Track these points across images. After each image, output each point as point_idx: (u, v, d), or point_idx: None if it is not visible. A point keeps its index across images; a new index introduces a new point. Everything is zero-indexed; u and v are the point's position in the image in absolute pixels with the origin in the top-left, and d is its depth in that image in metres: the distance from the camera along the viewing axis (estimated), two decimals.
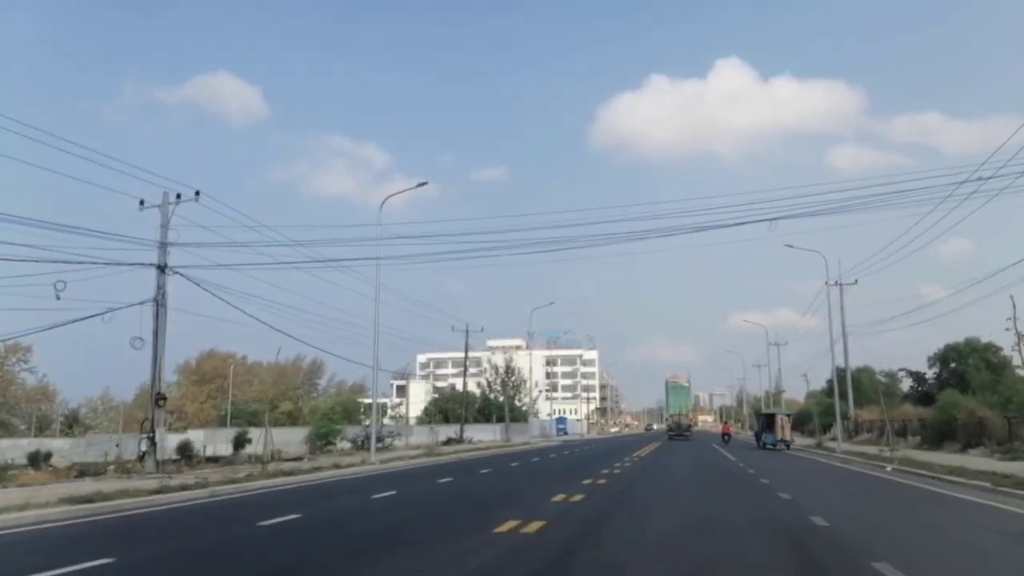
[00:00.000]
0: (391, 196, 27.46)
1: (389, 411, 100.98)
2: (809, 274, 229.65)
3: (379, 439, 37.19)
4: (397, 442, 37.43)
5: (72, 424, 74.52)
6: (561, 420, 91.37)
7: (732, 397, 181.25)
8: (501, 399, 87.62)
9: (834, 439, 39.07)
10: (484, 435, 60.75)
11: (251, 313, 39.60)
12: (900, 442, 36.71)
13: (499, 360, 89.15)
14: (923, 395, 57.08)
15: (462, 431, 50.56)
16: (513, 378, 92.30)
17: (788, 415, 43.78)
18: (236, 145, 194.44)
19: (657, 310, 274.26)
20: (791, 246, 39.96)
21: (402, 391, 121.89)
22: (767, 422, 42.77)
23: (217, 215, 30.66)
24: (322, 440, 37.33)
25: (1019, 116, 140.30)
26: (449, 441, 47.97)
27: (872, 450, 31.81)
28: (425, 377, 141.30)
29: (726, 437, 60.22)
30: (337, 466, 23.60)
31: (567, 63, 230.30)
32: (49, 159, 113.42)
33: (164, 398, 23.30)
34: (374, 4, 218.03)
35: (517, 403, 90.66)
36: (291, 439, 38.89)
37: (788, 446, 40.69)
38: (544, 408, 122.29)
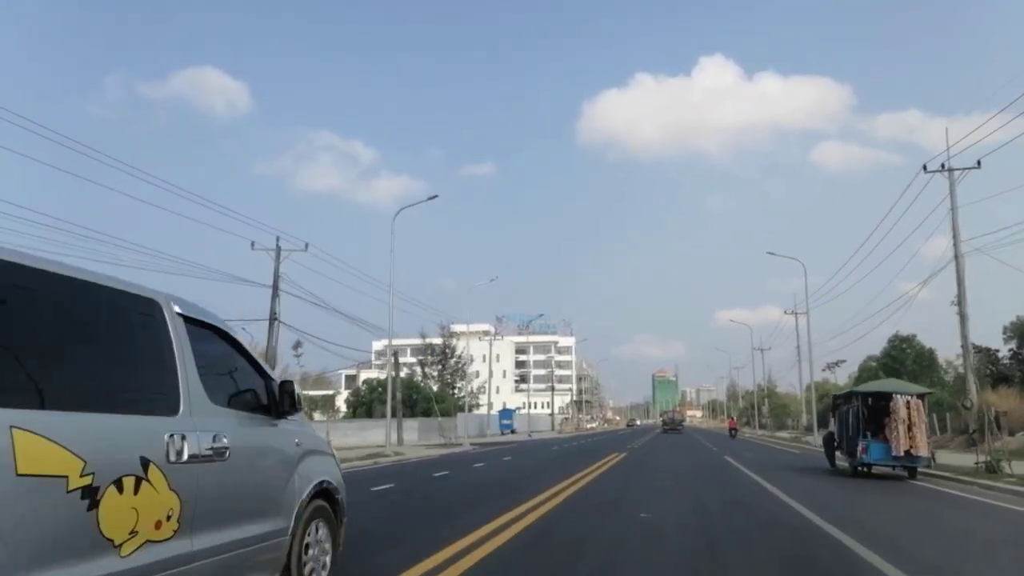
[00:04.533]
0: None
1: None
2: (799, 272, 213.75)
3: None
4: None
5: None
6: (506, 414, 69.97)
7: (721, 392, 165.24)
8: (436, 387, 69.92)
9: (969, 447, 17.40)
10: (375, 436, 40.75)
11: None
12: None
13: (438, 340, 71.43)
14: (999, 376, 38.94)
15: None
16: (452, 361, 72.96)
17: (922, 396, 17.56)
18: (221, 139, 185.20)
19: (644, 307, 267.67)
20: None
21: (352, 381, 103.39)
22: (867, 414, 17.72)
23: None
24: None
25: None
26: None
27: None
28: (381, 366, 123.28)
29: (733, 432, 62.48)
30: None
31: (554, 63, 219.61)
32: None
33: None
34: (362, 3, 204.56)
35: (457, 392, 72.02)
36: None
37: (913, 471, 16.97)
38: (515, 400, 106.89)
